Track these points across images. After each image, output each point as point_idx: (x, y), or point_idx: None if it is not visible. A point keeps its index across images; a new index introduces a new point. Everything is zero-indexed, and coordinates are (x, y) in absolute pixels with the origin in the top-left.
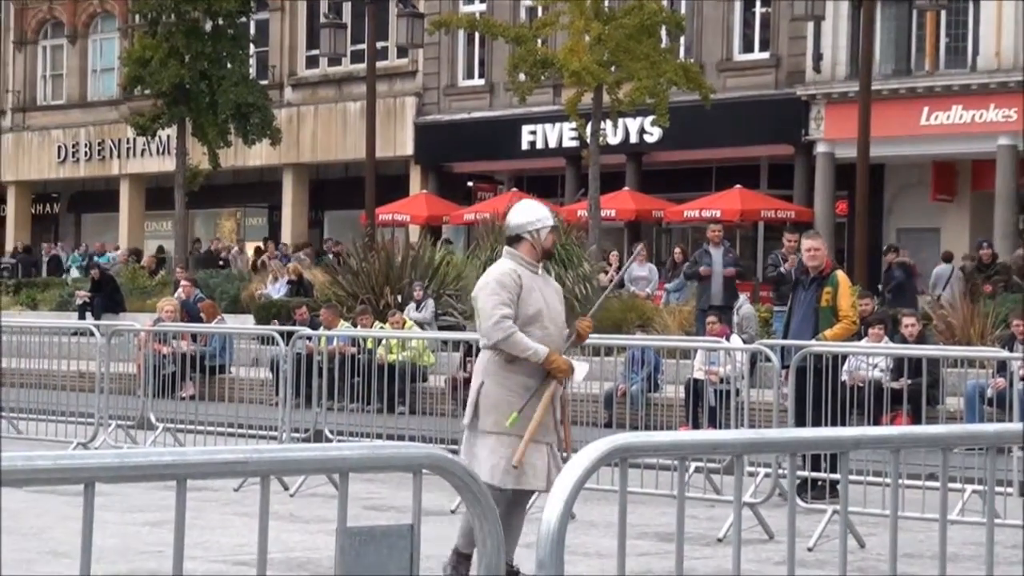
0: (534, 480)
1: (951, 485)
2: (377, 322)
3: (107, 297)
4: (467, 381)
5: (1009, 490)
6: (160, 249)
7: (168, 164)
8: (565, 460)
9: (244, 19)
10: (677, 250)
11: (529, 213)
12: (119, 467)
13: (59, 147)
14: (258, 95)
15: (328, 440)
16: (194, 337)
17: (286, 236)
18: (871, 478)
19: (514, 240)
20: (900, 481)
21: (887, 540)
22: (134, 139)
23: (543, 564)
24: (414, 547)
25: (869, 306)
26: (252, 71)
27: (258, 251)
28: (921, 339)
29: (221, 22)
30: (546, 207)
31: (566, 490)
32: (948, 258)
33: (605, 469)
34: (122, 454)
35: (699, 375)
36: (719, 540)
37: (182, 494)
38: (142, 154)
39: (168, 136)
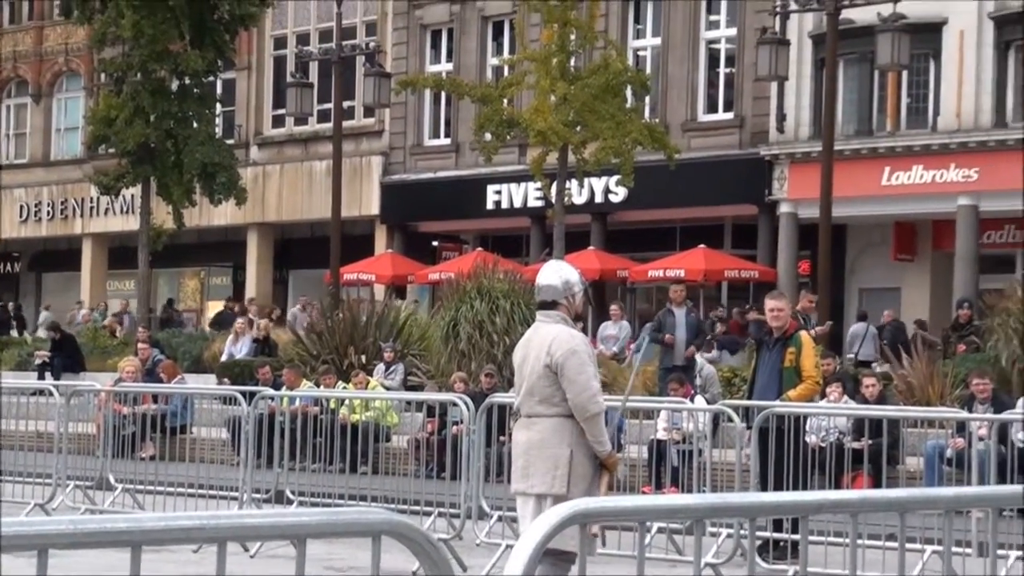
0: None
1: (911, 546)
2: (341, 382)
3: (67, 357)
4: (429, 441)
5: (968, 551)
6: (105, 308)
7: (132, 223)
8: None
9: (211, 78)
10: None
11: (563, 276)
12: (73, 533)
13: (21, 206)
14: (224, 154)
15: (289, 501)
16: (155, 397)
17: (251, 295)
18: (832, 539)
19: (550, 304)
20: (863, 542)
21: None
22: (97, 198)
23: None
24: None
25: (831, 366)
26: (218, 130)
27: (231, 311)
28: (881, 399)
29: (187, 81)
30: (575, 268)
31: (527, 553)
32: (863, 317)
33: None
34: (76, 520)
35: (662, 435)
36: None
37: (137, 560)
38: (105, 213)
39: (132, 195)
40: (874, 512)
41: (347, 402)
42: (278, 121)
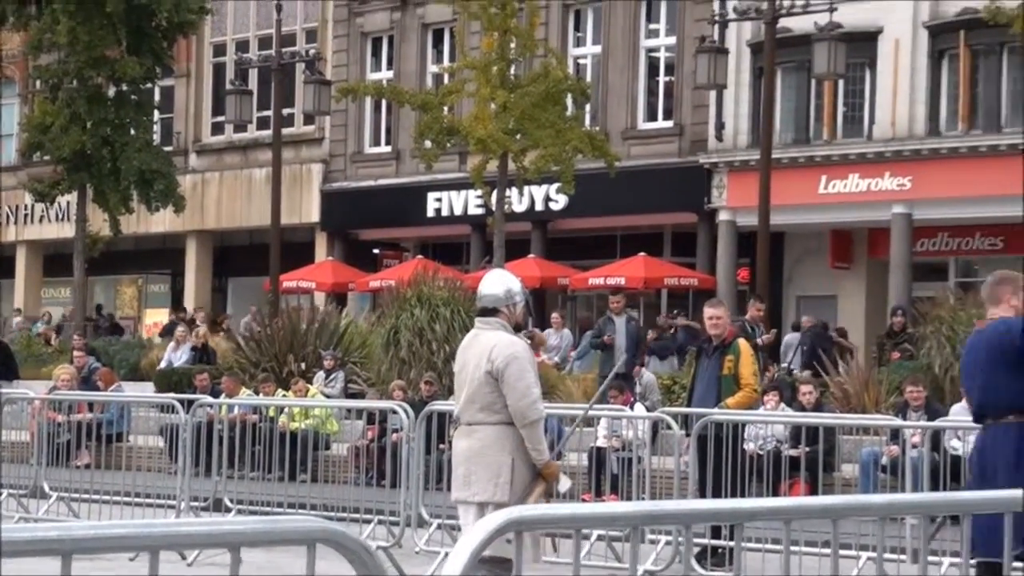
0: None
1: (847, 552)
2: (280, 390)
3: (0, 364)
4: (369, 448)
5: (903, 557)
6: (49, 317)
7: (67, 230)
8: None
9: (149, 85)
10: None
11: (506, 285)
12: (3, 542)
13: None
14: (162, 161)
15: (228, 509)
16: (90, 405)
17: (188, 303)
18: (769, 546)
19: (491, 311)
20: (799, 548)
21: None
22: (32, 205)
23: None
24: None
25: (770, 373)
26: (156, 137)
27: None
28: (818, 407)
29: (125, 88)
30: (517, 279)
31: (461, 562)
32: (796, 327)
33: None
34: (8, 529)
35: (602, 443)
36: None
37: (67, 570)
38: (40, 220)
39: (68, 202)
40: (807, 519)
41: (286, 410)
42: (217, 128)
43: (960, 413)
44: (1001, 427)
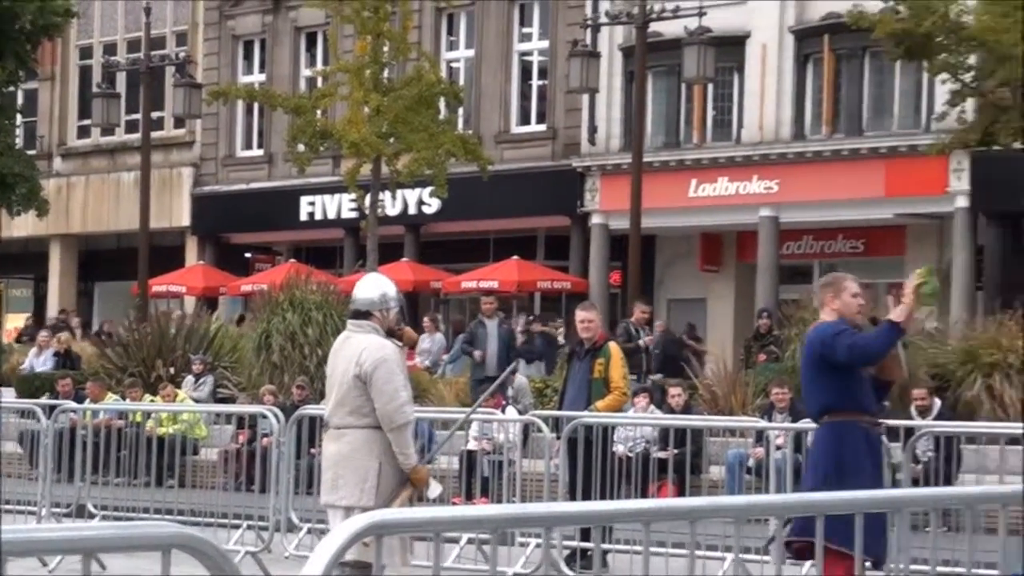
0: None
1: (714, 553)
2: (148, 395)
3: None
4: (238, 454)
5: (767, 558)
6: None
7: None
8: None
9: (11, 89)
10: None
11: (381, 289)
12: None
13: None
14: (24, 165)
15: (91, 515)
16: None
17: (53, 308)
18: (636, 547)
19: (364, 314)
20: (667, 550)
21: None
22: None
23: None
24: None
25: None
26: (19, 141)
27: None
28: (686, 409)
29: None
30: (393, 284)
31: (320, 566)
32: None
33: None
34: None
35: (473, 446)
36: None
37: None
38: None
39: None
40: (667, 520)
41: (154, 415)
42: (83, 132)
43: None
44: (820, 428)
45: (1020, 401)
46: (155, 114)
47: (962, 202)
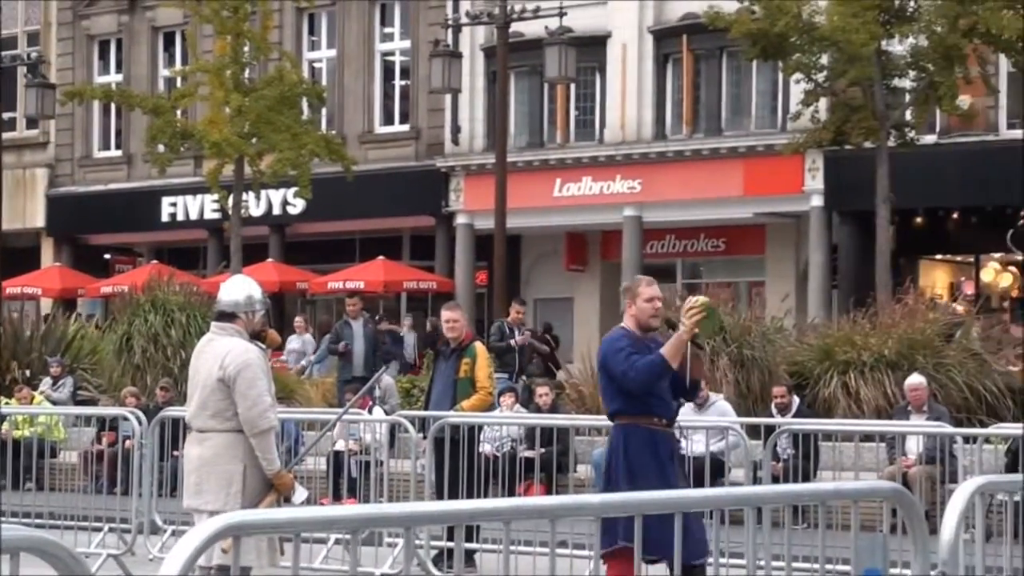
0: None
1: (581, 552)
2: (2, 398)
3: None
4: (99, 456)
5: None
6: None
7: None
8: None
9: None
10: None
11: (247, 291)
12: None
13: None
14: None
15: None
16: None
17: None
18: (514, 547)
19: (228, 316)
20: (533, 549)
21: None
22: None
23: None
24: None
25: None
26: None
27: None
28: (554, 408)
29: None
30: (259, 287)
31: (177, 566)
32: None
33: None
34: None
35: (340, 447)
36: None
37: None
38: None
39: None
40: (526, 519)
41: (10, 418)
42: None
43: (686, 412)
44: (612, 430)
45: (873, 399)
46: (7, 114)
47: (817, 201)
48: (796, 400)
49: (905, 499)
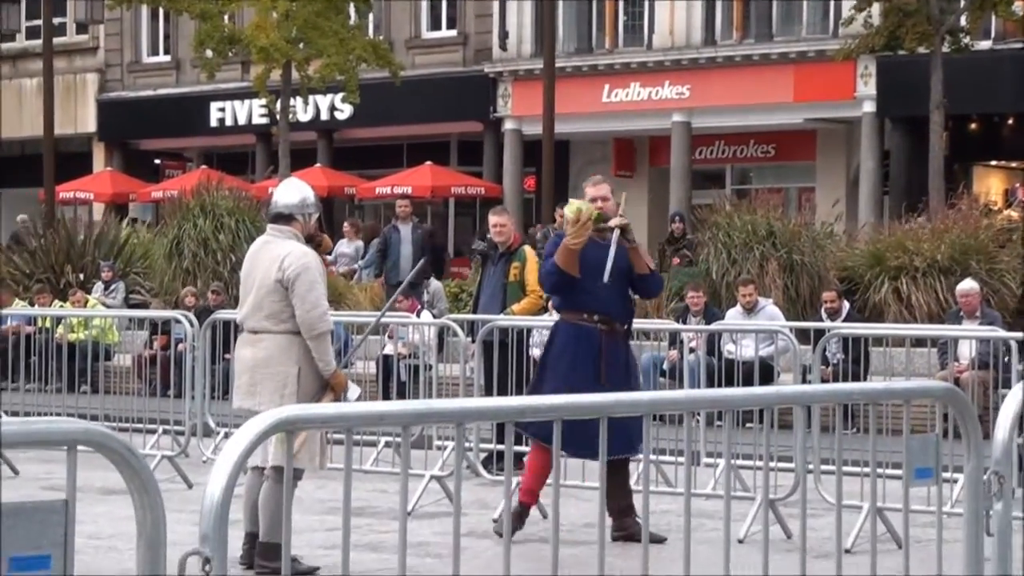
0: (310, 463)
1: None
2: (57, 301)
3: None
4: (153, 360)
5: (681, 459)
6: None
7: None
8: None
9: None
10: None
11: (303, 194)
12: None
13: None
14: None
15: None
16: None
17: None
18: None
19: (285, 219)
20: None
21: (570, 510)
22: None
23: (206, 538)
24: (68, 522)
25: None
26: None
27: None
28: None
29: None
30: (312, 190)
31: (230, 463)
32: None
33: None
34: None
35: (389, 351)
36: (408, 513)
37: None
38: None
39: None
40: (576, 416)
41: (65, 321)
42: None
43: (735, 317)
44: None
45: (925, 303)
46: (57, 20)
47: (869, 107)
48: (846, 305)
49: (958, 399)
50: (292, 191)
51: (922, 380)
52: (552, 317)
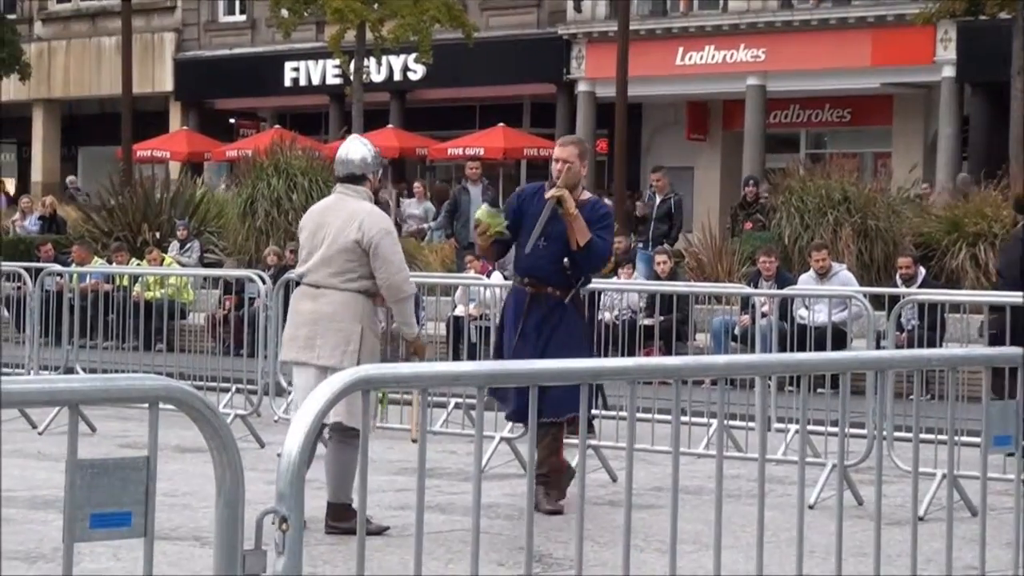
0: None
1: (700, 420)
2: (134, 259)
3: None
4: (226, 319)
5: (752, 424)
6: None
7: None
8: None
9: None
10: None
11: (371, 151)
12: None
13: None
14: (5, 30)
15: None
16: None
17: (36, 173)
18: (622, 413)
19: (358, 179)
20: (651, 416)
21: (640, 474)
22: None
23: (283, 496)
24: (150, 479)
25: (624, 244)
26: None
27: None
28: (672, 276)
29: None
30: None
31: (307, 422)
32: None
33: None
34: None
35: (459, 312)
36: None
37: None
38: None
39: None
40: (653, 379)
41: (141, 279)
42: None
43: (808, 282)
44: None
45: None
46: None
47: (948, 72)
48: (922, 271)
49: None
50: (362, 149)
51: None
52: (624, 282)
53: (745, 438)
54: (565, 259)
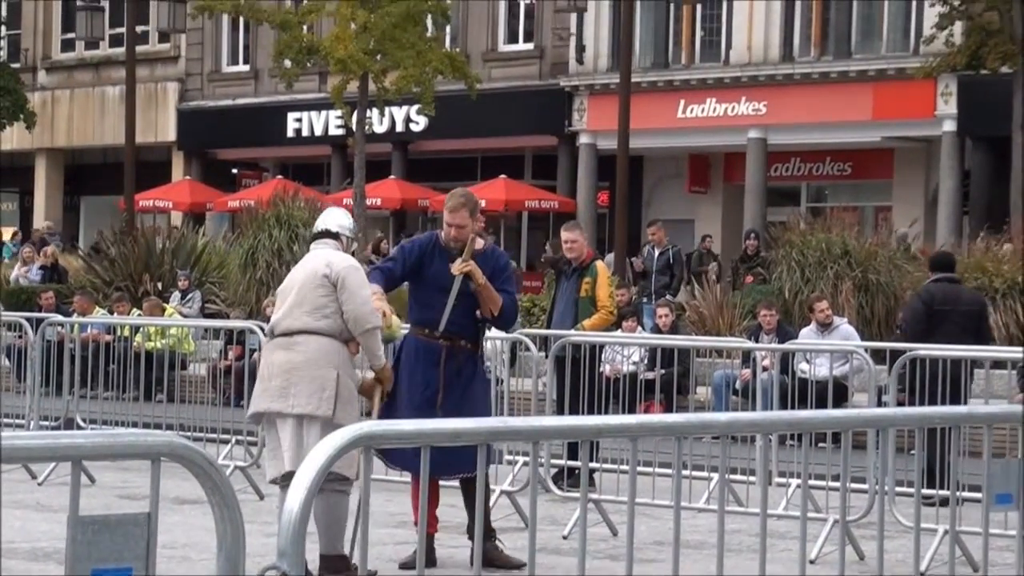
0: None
1: (700, 474)
2: (135, 309)
3: None
4: (228, 369)
5: (752, 479)
6: None
7: None
8: None
9: None
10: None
11: (347, 219)
12: None
13: None
14: (8, 78)
15: (80, 428)
16: None
17: (39, 222)
18: (623, 467)
19: (332, 235)
20: (652, 469)
21: (640, 528)
22: None
23: (284, 554)
24: (151, 535)
25: (625, 296)
26: (3, 54)
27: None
28: (674, 329)
29: None
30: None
31: (309, 477)
32: None
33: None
34: None
35: None
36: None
37: None
38: None
39: None
40: (653, 436)
41: (142, 329)
42: (67, 45)
43: (809, 335)
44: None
45: (1004, 325)
46: (140, 28)
47: (949, 126)
48: None
49: None
50: (337, 214)
51: (1002, 404)
52: (625, 335)
53: (746, 492)
54: (477, 311)
